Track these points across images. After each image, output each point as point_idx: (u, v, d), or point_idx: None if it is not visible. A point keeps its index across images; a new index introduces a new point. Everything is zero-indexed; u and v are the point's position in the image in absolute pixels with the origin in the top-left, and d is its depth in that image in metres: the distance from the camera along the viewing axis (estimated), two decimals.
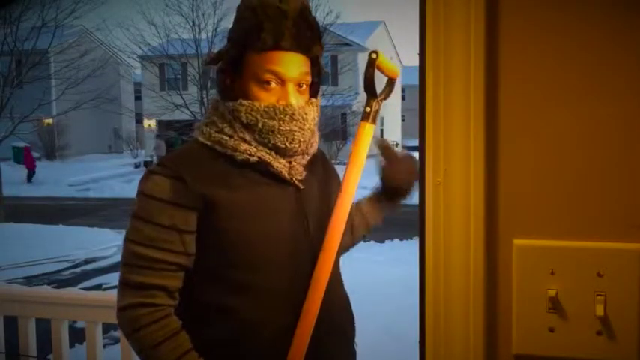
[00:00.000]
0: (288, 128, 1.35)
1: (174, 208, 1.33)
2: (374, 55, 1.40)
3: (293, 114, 1.35)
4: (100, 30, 25.51)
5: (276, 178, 1.38)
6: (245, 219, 1.34)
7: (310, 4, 1.46)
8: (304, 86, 1.40)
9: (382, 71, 1.45)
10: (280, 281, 1.37)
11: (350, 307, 1.56)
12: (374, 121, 1.43)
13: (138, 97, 31.77)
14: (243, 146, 1.37)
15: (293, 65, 1.36)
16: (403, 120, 36.64)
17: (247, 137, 1.37)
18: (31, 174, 23.11)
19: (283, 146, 1.36)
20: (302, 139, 1.38)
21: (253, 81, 1.37)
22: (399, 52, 36.99)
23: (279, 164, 1.39)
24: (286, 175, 1.39)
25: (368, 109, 1.43)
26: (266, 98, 1.36)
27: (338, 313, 1.48)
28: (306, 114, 1.38)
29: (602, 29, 0.91)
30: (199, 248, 1.37)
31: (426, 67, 0.97)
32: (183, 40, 20.49)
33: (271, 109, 1.35)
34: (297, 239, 1.38)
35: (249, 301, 1.35)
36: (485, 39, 0.94)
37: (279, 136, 1.36)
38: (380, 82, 1.44)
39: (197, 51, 20.18)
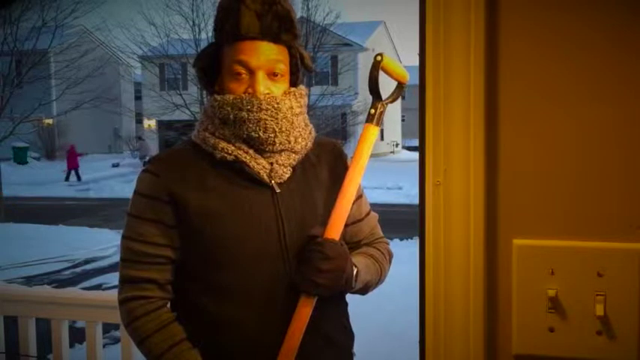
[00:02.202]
0: (257, 117, 1.35)
1: (156, 202, 1.37)
2: (379, 58, 1.40)
3: (260, 103, 1.35)
4: (100, 30, 25.57)
5: (254, 179, 1.38)
6: (215, 220, 1.35)
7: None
8: (279, 75, 1.40)
9: (389, 75, 1.44)
10: (251, 283, 1.36)
11: (345, 316, 1.54)
12: (378, 123, 1.42)
13: (138, 97, 31.76)
14: (222, 144, 1.38)
15: (260, 53, 1.37)
16: (403, 120, 36.66)
17: (227, 134, 1.38)
18: (70, 173, 23.25)
19: (257, 135, 1.36)
20: (277, 129, 1.37)
21: (227, 74, 1.40)
22: (399, 52, 36.99)
23: (258, 165, 1.38)
24: (265, 177, 1.38)
25: (372, 111, 1.42)
26: (237, 89, 1.38)
27: (329, 323, 1.47)
28: (277, 103, 1.37)
29: (602, 29, 0.91)
30: (180, 245, 1.39)
31: (426, 67, 0.97)
32: (183, 40, 20.47)
33: (239, 100, 1.36)
34: (269, 242, 1.37)
35: (222, 300, 1.37)
36: (485, 39, 0.94)
37: (250, 125, 1.35)
38: (386, 84, 1.43)
39: (197, 51, 20.12)
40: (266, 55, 1.38)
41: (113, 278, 8.44)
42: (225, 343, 1.37)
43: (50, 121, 26.56)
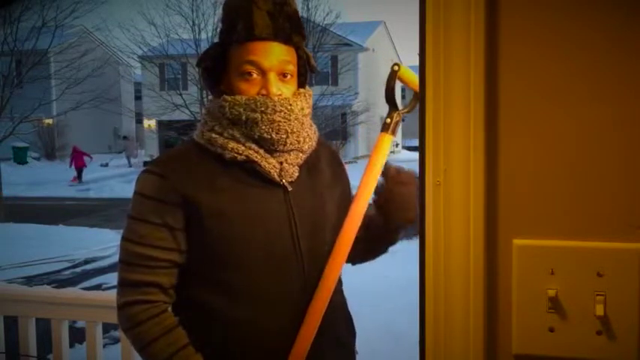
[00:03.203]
0: (271, 118, 1.35)
1: (162, 205, 1.35)
2: (395, 67, 1.40)
3: (275, 105, 1.35)
4: (100, 30, 25.54)
5: (264, 178, 1.38)
6: (228, 220, 1.34)
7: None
8: (289, 76, 1.40)
9: (406, 84, 1.44)
10: (264, 283, 1.36)
11: (347, 314, 1.55)
12: (393, 133, 1.43)
13: (138, 97, 31.74)
14: (232, 144, 1.37)
15: (271, 54, 1.37)
16: (403, 120, 36.47)
17: (236, 134, 1.37)
18: (80, 172, 23.19)
19: (269, 137, 1.35)
20: (289, 130, 1.37)
21: (236, 74, 1.39)
22: (399, 52, 36.96)
23: (268, 164, 1.37)
24: (276, 176, 1.38)
25: (388, 120, 1.43)
26: (248, 90, 1.38)
27: (334, 321, 1.47)
28: (290, 105, 1.37)
29: (602, 29, 0.91)
30: (189, 246, 1.38)
31: (425, 67, 0.97)
32: (183, 40, 20.47)
33: (252, 101, 1.36)
34: (282, 241, 1.37)
35: (234, 301, 1.36)
36: (485, 39, 0.94)
37: (263, 127, 1.35)
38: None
39: (197, 51, 20.14)
40: (277, 55, 1.37)
41: (113, 278, 8.41)
42: (237, 344, 1.36)
43: (50, 121, 26.55)
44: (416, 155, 1.15)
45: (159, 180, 1.37)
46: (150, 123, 29.51)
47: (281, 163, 1.39)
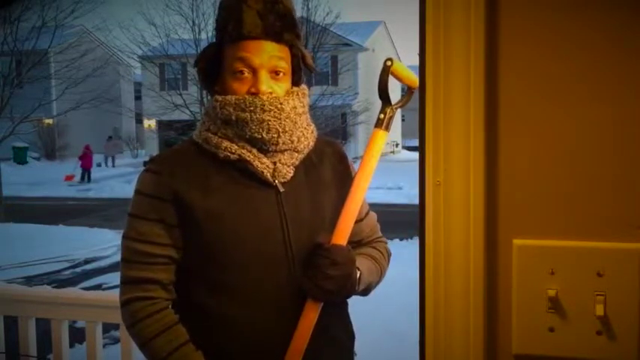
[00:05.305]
0: (260, 118, 1.34)
1: (158, 201, 1.36)
2: (388, 62, 1.39)
3: (263, 105, 1.34)
4: (100, 30, 25.47)
5: (258, 178, 1.37)
6: (220, 220, 1.34)
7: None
8: (282, 74, 1.40)
9: (399, 79, 1.44)
10: (257, 283, 1.36)
11: (346, 315, 1.54)
12: (387, 129, 1.42)
13: (138, 97, 31.75)
14: (225, 143, 1.37)
15: (262, 52, 1.37)
16: (403, 120, 36.62)
17: (230, 134, 1.38)
18: (84, 173, 23.12)
19: (259, 136, 1.35)
20: (280, 129, 1.36)
21: (229, 73, 1.39)
22: (399, 52, 36.99)
23: (261, 164, 1.37)
24: (269, 176, 1.38)
25: (382, 115, 1.42)
26: (240, 88, 1.38)
27: (335, 325, 1.47)
28: (280, 103, 1.36)
29: (602, 29, 0.91)
30: (185, 245, 1.38)
31: (426, 67, 0.97)
32: (183, 40, 20.44)
33: (241, 101, 1.35)
34: (274, 242, 1.37)
35: (229, 301, 1.36)
36: (485, 39, 0.94)
37: (253, 126, 1.35)
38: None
39: (197, 51, 20.12)
40: (268, 53, 1.37)
41: (113, 278, 8.45)
42: (231, 345, 1.36)
43: (50, 121, 26.55)
44: (416, 155, 1.15)
45: (155, 177, 1.38)
46: (150, 123, 29.50)
47: (275, 163, 1.38)
